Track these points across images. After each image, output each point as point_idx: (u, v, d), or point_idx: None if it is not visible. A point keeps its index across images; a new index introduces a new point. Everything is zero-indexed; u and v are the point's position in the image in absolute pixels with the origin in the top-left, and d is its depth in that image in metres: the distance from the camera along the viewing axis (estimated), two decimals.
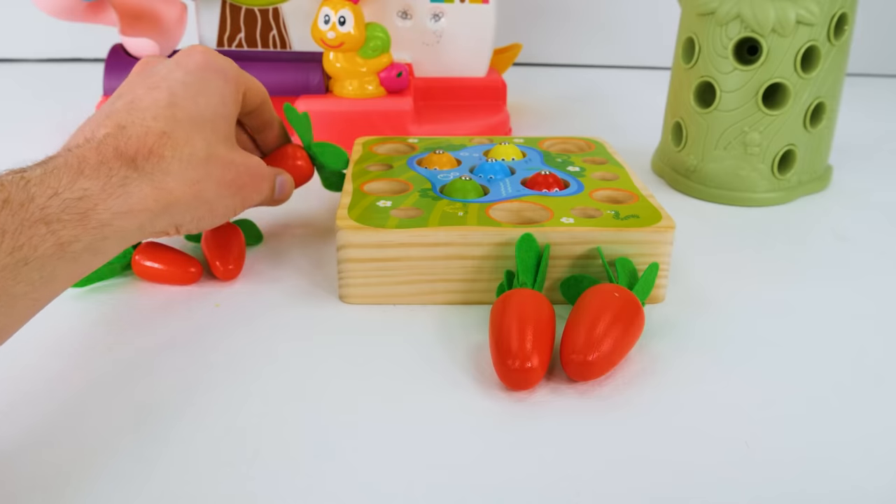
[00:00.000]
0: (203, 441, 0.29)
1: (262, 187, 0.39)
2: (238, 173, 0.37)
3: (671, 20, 0.63)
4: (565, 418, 0.31)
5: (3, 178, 0.28)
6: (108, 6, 0.58)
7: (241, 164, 0.38)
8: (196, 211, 0.35)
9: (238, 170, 0.37)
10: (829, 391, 0.33)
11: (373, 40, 0.59)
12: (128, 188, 0.31)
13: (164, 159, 0.33)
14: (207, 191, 0.35)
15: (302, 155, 0.46)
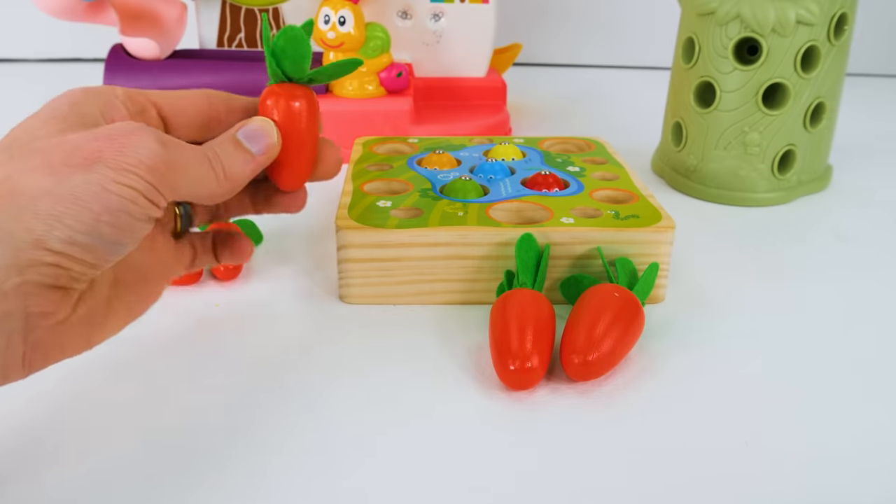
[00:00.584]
0: (203, 440, 0.29)
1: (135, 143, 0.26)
2: (80, 145, 0.26)
3: (671, 20, 0.63)
4: (565, 418, 0.31)
5: None
6: (108, 6, 0.58)
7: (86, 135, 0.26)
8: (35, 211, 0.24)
9: (79, 142, 0.26)
10: (828, 391, 0.33)
11: (373, 40, 0.59)
12: None
13: None
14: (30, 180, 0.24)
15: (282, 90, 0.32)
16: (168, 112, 0.31)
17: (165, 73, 0.60)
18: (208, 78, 0.60)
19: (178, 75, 0.60)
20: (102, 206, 0.25)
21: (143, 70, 0.59)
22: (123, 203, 0.25)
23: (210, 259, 0.35)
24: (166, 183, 0.27)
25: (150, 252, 0.31)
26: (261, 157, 0.31)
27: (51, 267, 0.24)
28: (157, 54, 0.60)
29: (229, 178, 0.29)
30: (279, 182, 0.33)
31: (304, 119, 0.33)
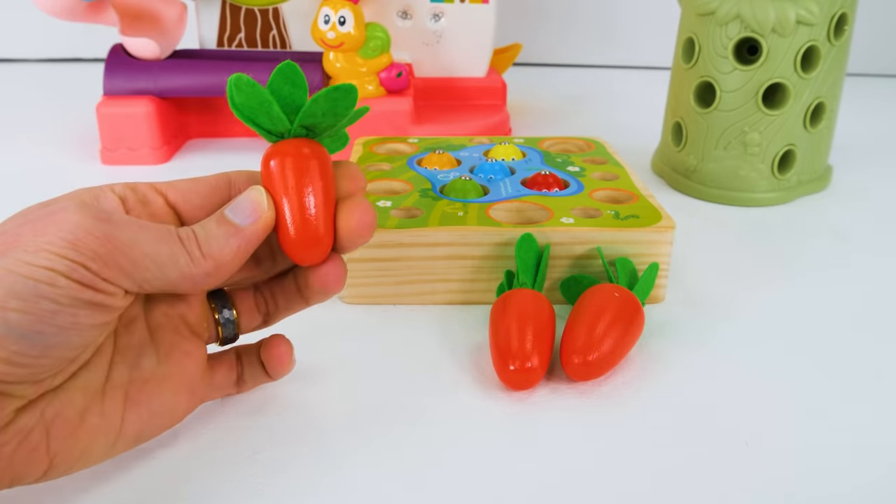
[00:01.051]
0: (204, 440, 0.29)
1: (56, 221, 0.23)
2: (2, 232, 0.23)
3: (671, 20, 0.63)
4: (565, 418, 0.31)
5: None
6: (108, 6, 0.58)
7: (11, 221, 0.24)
8: None
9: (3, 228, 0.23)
10: (828, 391, 0.33)
11: (373, 40, 0.59)
12: None
13: None
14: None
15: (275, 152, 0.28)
16: (176, 198, 0.28)
17: (165, 73, 0.60)
18: (208, 78, 0.60)
19: (178, 75, 0.60)
20: (6, 290, 0.21)
21: (143, 70, 0.59)
22: (35, 286, 0.21)
23: (260, 374, 0.31)
24: (102, 260, 0.23)
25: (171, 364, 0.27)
26: (248, 229, 0.26)
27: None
28: (157, 54, 0.60)
29: (209, 256, 0.25)
30: (292, 256, 0.28)
31: (320, 178, 0.28)
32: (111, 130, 0.59)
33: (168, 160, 0.61)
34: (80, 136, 0.66)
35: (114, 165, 0.59)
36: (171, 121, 0.62)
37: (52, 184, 0.56)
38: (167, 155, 0.61)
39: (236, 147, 0.65)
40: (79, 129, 0.68)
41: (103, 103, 0.59)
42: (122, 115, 0.58)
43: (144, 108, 0.58)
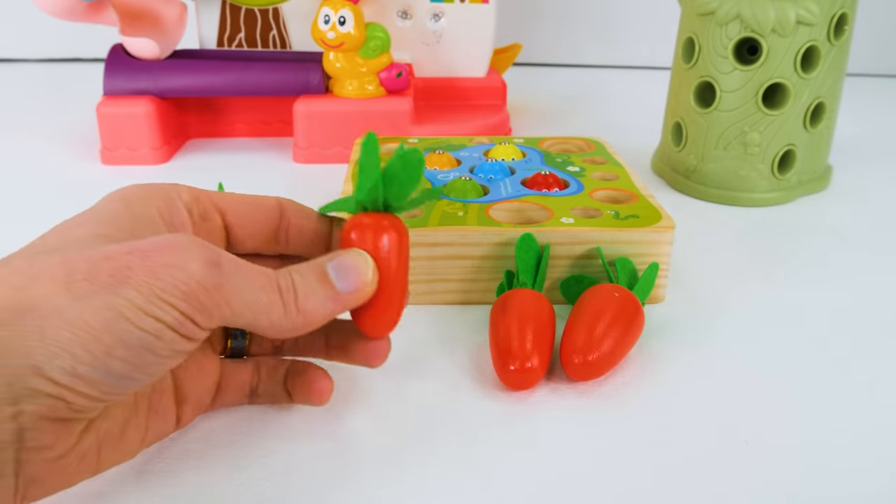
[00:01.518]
0: (203, 436, 0.29)
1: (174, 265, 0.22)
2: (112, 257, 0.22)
3: (671, 20, 0.63)
4: (565, 418, 0.31)
5: None
6: (108, 6, 0.58)
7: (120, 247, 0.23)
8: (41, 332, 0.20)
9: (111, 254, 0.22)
10: (828, 390, 0.33)
11: (373, 40, 0.59)
12: None
13: None
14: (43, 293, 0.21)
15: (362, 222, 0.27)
16: (233, 220, 0.27)
17: (165, 73, 0.60)
18: (208, 78, 0.60)
19: (178, 75, 0.60)
20: (116, 338, 0.21)
21: (143, 70, 0.59)
22: (144, 338, 0.21)
23: (280, 393, 0.30)
24: (208, 312, 0.22)
25: (185, 372, 0.27)
26: (347, 297, 0.26)
27: (51, 398, 0.20)
28: (157, 54, 0.60)
29: (302, 312, 0.25)
30: (365, 328, 0.28)
31: (401, 255, 0.27)
32: (111, 130, 0.59)
33: (168, 160, 0.61)
34: (80, 136, 0.66)
35: (114, 165, 0.59)
36: (171, 121, 0.62)
37: (52, 184, 0.56)
38: (167, 155, 0.61)
39: (236, 147, 0.65)
40: (79, 129, 0.68)
41: (103, 103, 0.59)
42: (122, 115, 0.58)
43: (144, 108, 0.58)
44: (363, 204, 0.27)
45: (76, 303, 0.21)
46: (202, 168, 0.60)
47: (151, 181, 0.28)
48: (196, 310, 0.22)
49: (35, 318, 0.20)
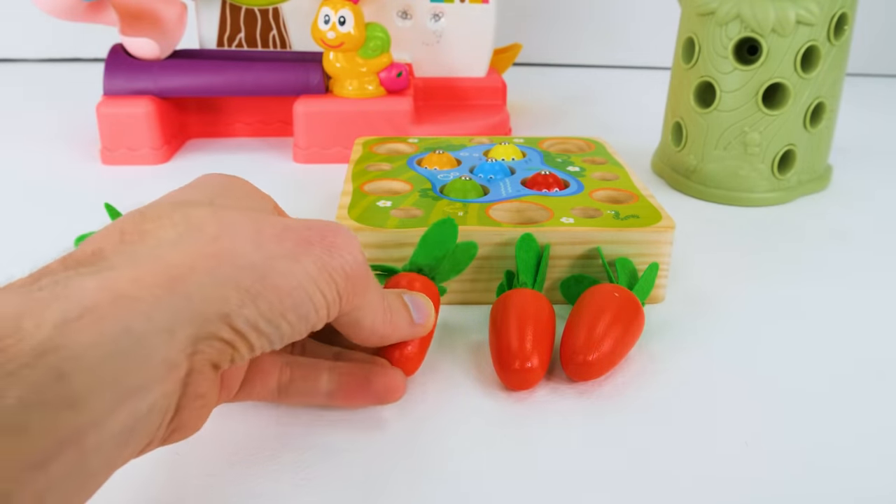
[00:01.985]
0: (205, 439, 0.29)
1: (344, 248, 0.25)
2: (292, 227, 0.24)
3: (671, 20, 0.63)
4: (565, 418, 0.31)
5: None
6: (108, 6, 0.58)
7: (296, 221, 0.25)
8: (237, 282, 0.22)
9: (290, 224, 0.24)
10: (829, 391, 0.33)
11: (373, 40, 0.59)
12: (71, 286, 0.20)
13: (147, 233, 0.22)
14: (240, 247, 0.22)
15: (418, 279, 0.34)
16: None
17: (165, 73, 0.60)
18: (208, 78, 0.60)
19: (178, 75, 0.60)
20: (292, 302, 0.23)
21: (143, 70, 0.59)
22: (309, 308, 0.23)
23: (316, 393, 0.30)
24: (350, 297, 0.25)
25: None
26: (419, 327, 0.30)
27: (223, 344, 0.22)
28: (157, 54, 0.60)
29: (392, 326, 0.28)
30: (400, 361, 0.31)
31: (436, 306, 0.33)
32: (111, 130, 0.59)
33: (168, 160, 0.61)
34: (80, 136, 0.66)
35: (114, 165, 0.59)
36: (171, 121, 0.62)
37: (52, 184, 0.56)
38: (167, 155, 0.61)
39: (236, 147, 0.65)
40: (79, 129, 0.68)
41: (103, 103, 0.59)
42: (122, 115, 0.58)
43: (144, 108, 0.58)
44: (418, 266, 0.34)
45: (266, 261, 0.22)
46: (202, 168, 0.60)
47: (151, 181, 0.28)
48: (347, 292, 0.24)
49: (231, 269, 0.22)
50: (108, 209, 0.41)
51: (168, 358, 0.20)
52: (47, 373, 0.17)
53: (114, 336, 0.19)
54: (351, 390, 0.30)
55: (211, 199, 0.25)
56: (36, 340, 0.18)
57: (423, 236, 0.34)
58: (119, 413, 0.19)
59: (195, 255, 0.22)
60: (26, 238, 0.47)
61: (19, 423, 0.17)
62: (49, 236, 0.46)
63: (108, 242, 0.22)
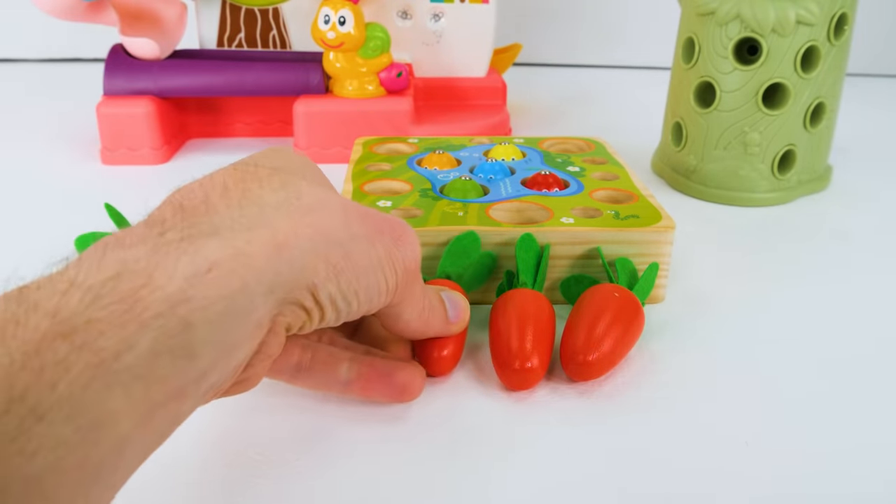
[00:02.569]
0: (205, 439, 0.29)
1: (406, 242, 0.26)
2: (369, 213, 0.26)
3: (671, 20, 0.63)
4: (565, 418, 0.31)
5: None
6: (108, 6, 0.58)
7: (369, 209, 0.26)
8: (327, 256, 0.23)
9: (367, 210, 0.26)
10: (828, 390, 0.33)
11: (373, 40, 0.59)
12: (196, 241, 0.20)
13: (249, 192, 0.23)
14: (332, 222, 0.24)
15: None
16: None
17: (165, 73, 0.60)
18: (208, 78, 0.60)
19: (178, 75, 0.60)
20: (367, 282, 0.24)
21: (143, 70, 0.59)
22: (376, 291, 0.25)
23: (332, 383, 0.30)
24: (403, 288, 0.26)
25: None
26: (454, 325, 0.31)
27: (302, 311, 0.23)
28: (157, 54, 0.60)
29: (428, 322, 0.30)
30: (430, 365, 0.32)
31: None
32: (111, 130, 0.59)
33: (168, 160, 0.61)
34: (80, 136, 0.66)
35: (114, 165, 0.59)
36: (171, 121, 0.62)
37: (52, 184, 0.56)
38: (167, 155, 0.61)
39: (236, 147, 0.65)
40: (79, 129, 0.68)
41: (103, 103, 0.59)
42: (122, 115, 0.58)
43: (144, 108, 0.58)
44: (447, 274, 0.36)
45: (351, 241, 0.24)
46: (202, 168, 0.59)
47: (151, 181, 0.28)
48: (403, 283, 0.26)
49: (324, 242, 0.23)
50: (108, 209, 0.41)
51: (260, 317, 0.21)
52: (178, 323, 0.18)
53: (234, 291, 0.20)
54: (370, 382, 0.30)
55: (303, 172, 0.26)
56: (167, 292, 0.19)
57: (447, 248, 0.36)
58: (218, 366, 0.20)
59: (296, 223, 0.23)
60: (26, 238, 0.47)
61: (145, 372, 0.18)
62: (49, 236, 0.46)
63: (215, 194, 0.23)
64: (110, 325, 0.17)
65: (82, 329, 0.17)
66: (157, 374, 0.18)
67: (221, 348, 0.20)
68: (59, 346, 0.17)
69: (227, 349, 0.20)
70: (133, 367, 0.17)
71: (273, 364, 0.28)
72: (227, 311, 0.20)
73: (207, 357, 0.19)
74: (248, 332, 0.21)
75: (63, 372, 0.16)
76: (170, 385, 0.18)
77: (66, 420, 0.16)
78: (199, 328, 0.19)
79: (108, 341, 0.17)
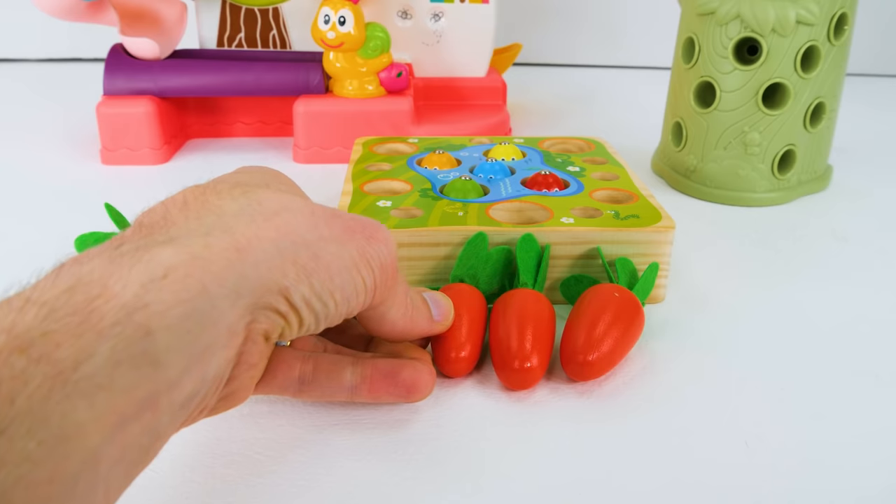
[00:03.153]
0: (204, 437, 0.29)
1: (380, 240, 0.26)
2: (338, 215, 0.25)
3: (671, 20, 0.63)
4: (565, 418, 0.31)
5: None
6: (108, 6, 0.58)
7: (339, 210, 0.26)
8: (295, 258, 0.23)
9: (336, 212, 0.26)
10: (828, 391, 0.33)
11: (373, 40, 0.59)
12: (151, 250, 0.20)
13: (208, 203, 0.23)
14: (297, 225, 0.23)
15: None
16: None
17: (165, 73, 0.60)
18: (208, 78, 0.60)
19: (178, 75, 0.60)
20: (341, 282, 0.24)
21: (143, 70, 0.59)
22: (353, 291, 0.24)
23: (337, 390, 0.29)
24: (383, 288, 0.26)
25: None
26: (438, 324, 0.31)
27: (278, 316, 0.22)
28: (157, 54, 0.60)
29: (412, 321, 0.29)
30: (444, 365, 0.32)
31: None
32: (111, 130, 0.59)
33: (168, 160, 0.61)
34: (80, 136, 0.66)
35: (114, 165, 0.59)
36: (171, 121, 0.62)
37: (52, 184, 0.56)
38: (167, 155, 0.61)
39: (236, 147, 0.65)
40: (79, 129, 0.68)
41: (103, 103, 0.59)
42: (122, 115, 0.58)
43: (144, 108, 0.58)
44: (460, 277, 0.36)
45: (319, 242, 0.23)
46: (202, 168, 0.60)
47: (151, 181, 0.28)
48: (381, 282, 0.26)
49: (290, 244, 0.23)
50: (108, 209, 0.41)
51: (231, 324, 0.21)
52: (136, 330, 0.18)
53: (193, 295, 0.20)
54: (376, 384, 0.29)
55: (266, 182, 0.26)
56: (123, 300, 0.18)
57: (460, 253, 0.37)
58: (191, 374, 0.20)
59: (258, 227, 0.22)
60: (26, 238, 0.47)
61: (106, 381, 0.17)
62: (49, 236, 0.46)
63: (175, 208, 0.23)
64: (67, 336, 0.17)
65: (39, 342, 0.17)
66: (120, 384, 0.18)
67: (189, 355, 0.19)
68: (16, 360, 0.16)
69: (197, 356, 0.20)
70: (93, 377, 0.17)
71: (275, 380, 0.28)
72: (187, 316, 0.19)
73: (175, 364, 0.19)
74: (218, 338, 0.20)
75: (21, 385, 0.16)
76: (137, 394, 0.18)
77: (28, 434, 0.16)
78: (160, 334, 0.19)
79: (66, 352, 0.17)
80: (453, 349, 0.32)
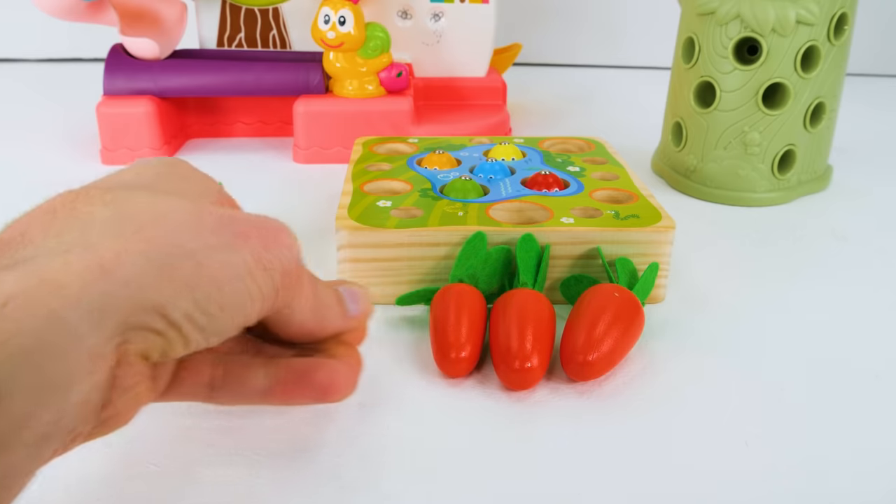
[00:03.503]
0: (201, 438, 0.29)
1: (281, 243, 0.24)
2: (230, 218, 0.23)
3: (671, 20, 0.63)
4: (565, 418, 0.31)
5: None
6: (108, 6, 0.58)
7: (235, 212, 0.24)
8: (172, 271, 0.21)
9: (229, 215, 0.24)
10: (828, 391, 0.33)
11: (373, 40, 0.59)
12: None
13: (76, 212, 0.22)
14: (175, 234, 0.22)
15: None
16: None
17: (165, 73, 0.60)
18: (208, 78, 0.60)
19: (178, 75, 0.60)
20: (230, 292, 0.22)
21: (143, 70, 0.59)
22: (245, 299, 0.22)
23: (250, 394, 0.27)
24: (288, 291, 0.24)
25: None
26: (354, 319, 0.28)
27: (154, 335, 0.20)
28: (157, 54, 0.60)
29: (323, 321, 0.27)
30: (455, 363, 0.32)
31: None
32: (111, 130, 0.59)
33: None
34: (80, 136, 0.66)
35: (114, 165, 0.59)
36: (171, 121, 0.62)
37: (52, 184, 0.56)
38: (167, 155, 0.61)
39: (236, 147, 0.65)
40: (79, 129, 0.68)
41: (103, 103, 0.59)
42: (122, 115, 0.58)
43: (144, 108, 0.58)
44: (459, 278, 0.36)
45: (204, 251, 0.21)
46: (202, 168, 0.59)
47: None
48: (285, 286, 0.24)
49: (166, 257, 0.21)
50: None
51: (94, 347, 0.19)
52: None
53: (38, 323, 0.18)
54: (288, 386, 0.27)
55: (149, 184, 0.24)
56: None
57: (459, 253, 0.37)
58: (46, 406, 0.18)
59: (126, 239, 0.20)
60: None
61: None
62: None
63: (37, 223, 0.21)
64: None
65: None
66: None
67: (38, 387, 0.18)
68: None
69: (49, 387, 0.18)
70: None
71: (182, 388, 0.26)
72: (34, 346, 0.18)
73: (21, 398, 0.17)
74: (79, 364, 0.19)
75: None
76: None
77: None
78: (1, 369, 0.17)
79: None
80: (453, 349, 0.32)
